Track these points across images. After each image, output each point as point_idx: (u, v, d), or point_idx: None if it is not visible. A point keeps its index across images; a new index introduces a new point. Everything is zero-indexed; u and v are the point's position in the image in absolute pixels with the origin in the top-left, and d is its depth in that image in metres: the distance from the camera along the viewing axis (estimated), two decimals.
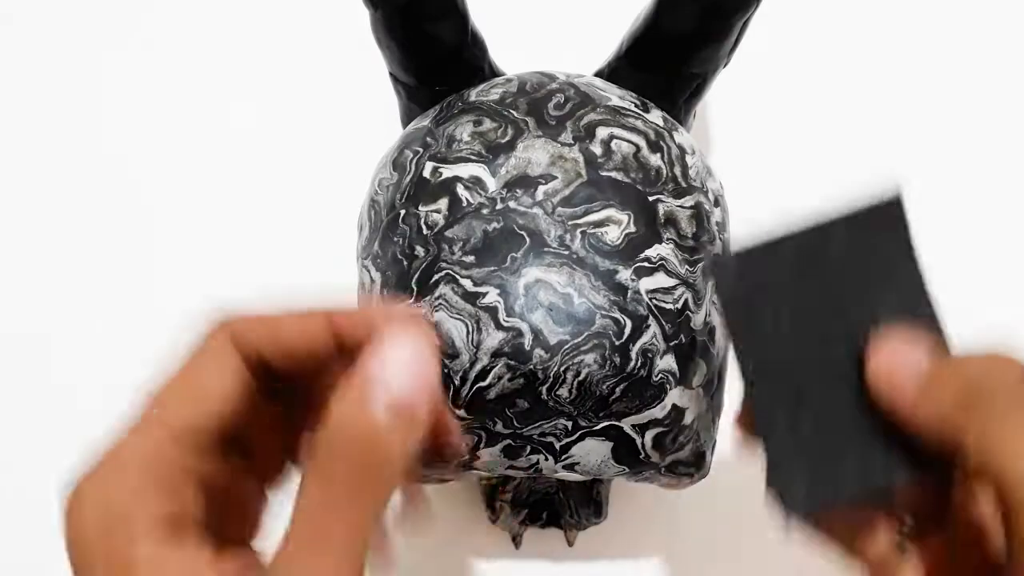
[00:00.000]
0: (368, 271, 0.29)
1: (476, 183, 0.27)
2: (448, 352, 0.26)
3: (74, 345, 0.45)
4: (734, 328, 0.21)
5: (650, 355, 0.26)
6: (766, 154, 0.46)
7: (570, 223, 0.26)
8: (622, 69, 0.33)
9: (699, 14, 0.31)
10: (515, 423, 0.26)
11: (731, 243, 0.31)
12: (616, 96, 0.30)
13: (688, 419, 0.27)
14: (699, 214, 0.28)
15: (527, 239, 0.26)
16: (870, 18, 0.50)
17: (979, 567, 0.21)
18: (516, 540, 0.38)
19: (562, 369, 0.25)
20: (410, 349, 0.17)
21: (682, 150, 0.30)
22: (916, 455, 0.20)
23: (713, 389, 0.29)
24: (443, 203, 0.27)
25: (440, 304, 0.26)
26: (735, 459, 0.26)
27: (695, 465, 0.29)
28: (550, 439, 0.27)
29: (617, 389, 0.26)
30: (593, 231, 0.26)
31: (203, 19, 0.51)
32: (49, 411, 0.44)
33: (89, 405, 0.44)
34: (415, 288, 0.27)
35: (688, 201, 0.28)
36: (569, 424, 0.27)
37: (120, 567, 0.18)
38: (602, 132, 0.28)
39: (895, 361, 0.20)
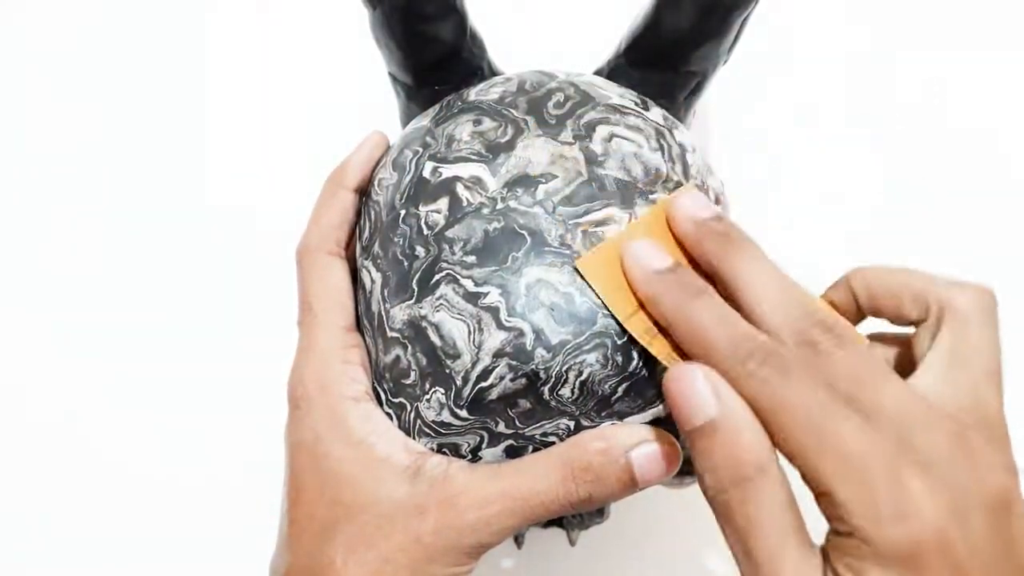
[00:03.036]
0: (368, 272, 0.29)
1: (476, 183, 0.27)
2: (449, 352, 0.26)
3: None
4: None
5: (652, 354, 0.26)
6: (766, 151, 0.46)
7: (571, 222, 0.26)
8: (622, 67, 0.33)
9: (698, 12, 0.31)
10: (517, 423, 0.26)
11: None
12: (616, 94, 0.30)
13: None
14: None
15: (528, 239, 0.26)
16: (869, 15, 0.50)
17: None
18: (518, 540, 0.38)
19: (564, 369, 0.25)
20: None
21: (682, 148, 0.30)
22: None
23: None
24: (443, 203, 0.27)
25: (441, 304, 0.26)
26: None
27: None
28: (552, 439, 0.27)
29: (619, 388, 0.26)
30: (594, 230, 0.26)
31: (203, 19, 0.51)
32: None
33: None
34: (416, 289, 0.27)
35: None
36: (571, 424, 0.26)
37: (333, 411, 0.27)
38: (602, 131, 0.28)
39: None
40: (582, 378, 0.25)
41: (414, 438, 0.27)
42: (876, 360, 0.22)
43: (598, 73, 0.34)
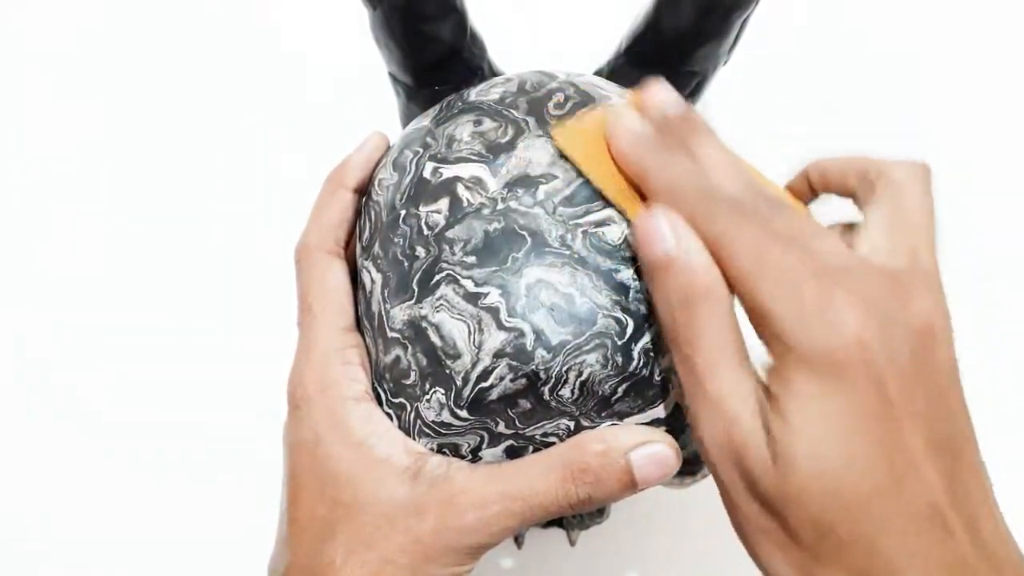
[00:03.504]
0: (368, 272, 0.29)
1: (477, 183, 0.27)
2: (450, 353, 0.26)
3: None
4: None
5: (652, 355, 0.26)
6: (766, 152, 0.46)
7: (571, 223, 0.26)
8: (622, 67, 0.33)
9: (698, 12, 0.31)
10: (517, 423, 0.26)
11: None
12: (616, 94, 0.30)
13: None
14: None
15: (528, 239, 0.26)
16: (869, 16, 0.50)
17: None
18: (518, 540, 0.38)
19: (564, 369, 0.25)
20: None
21: None
22: None
23: None
24: (443, 203, 0.27)
25: (441, 305, 0.26)
26: None
27: (697, 465, 0.29)
28: (553, 439, 0.27)
29: (619, 389, 0.26)
30: (595, 231, 0.26)
31: (204, 19, 0.51)
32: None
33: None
34: (416, 289, 0.27)
35: None
36: (572, 424, 0.26)
37: (334, 412, 0.27)
38: None
39: None
40: (582, 378, 0.25)
41: (414, 438, 0.27)
42: (816, 223, 0.24)
43: (598, 73, 0.34)
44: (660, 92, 0.27)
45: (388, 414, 0.28)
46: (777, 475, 0.22)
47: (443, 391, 0.26)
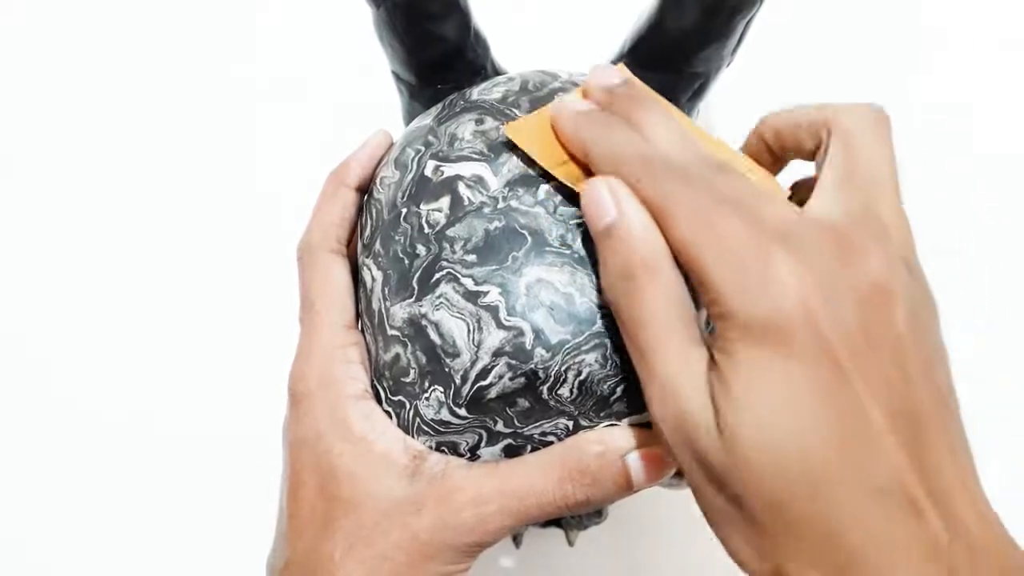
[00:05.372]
0: (369, 270, 0.29)
1: (478, 182, 0.27)
2: (449, 351, 0.26)
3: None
4: None
5: None
6: None
7: (572, 222, 0.26)
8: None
9: (702, 13, 0.31)
10: (516, 422, 0.26)
11: None
12: None
13: None
14: None
15: (528, 238, 0.26)
16: (872, 18, 0.50)
17: None
18: (516, 540, 0.38)
19: (563, 368, 0.25)
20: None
21: None
22: None
23: None
24: (445, 202, 0.27)
25: (441, 303, 0.26)
26: None
27: None
28: (551, 438, 0.27)
29: (618, 389, 0.26)
30: None
31: (205, 18, 0.51)
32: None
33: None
34: (416, 287, 0.27)
35: None
36: (570, 424, 0.26)
37: (335, 409, 0.27)
38: None
39: None
40: (581, 378, 0.25)
41: (413, 436, 0.27)
42: (767, 186, 0.23)
43: None
44: (601, 71, 0.27)
45: (387, 412, 0.28)
46: (724, 450, 0.20)
47: (442, 389, 0.26)
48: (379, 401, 0.28)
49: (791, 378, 0.20)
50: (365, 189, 0.31)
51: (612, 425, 0.27)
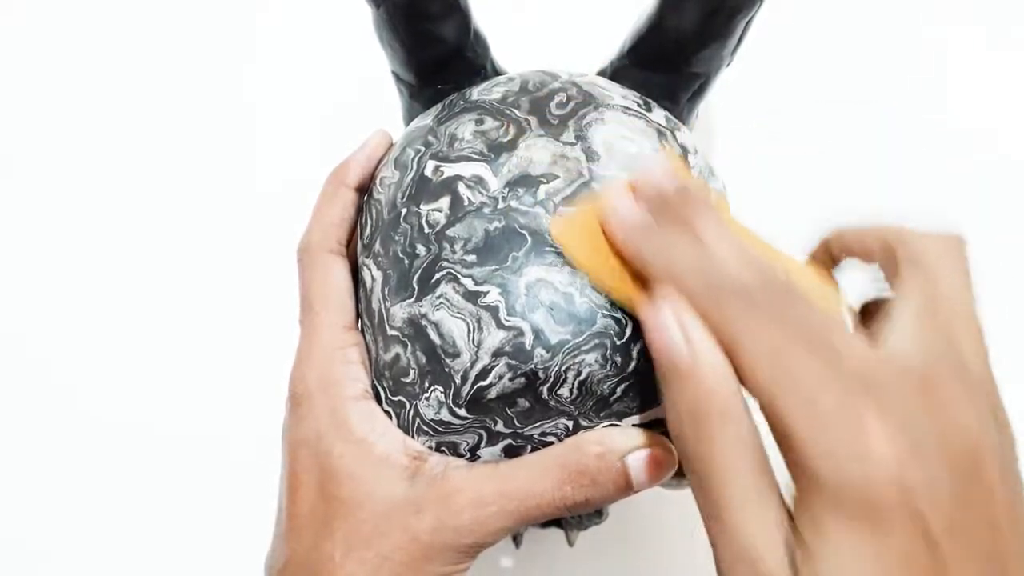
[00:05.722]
0: (369, 270, 0.29)
1: (478, 182, 0.27)
2: (449, 351, 0.26)
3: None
4: None
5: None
6: (769, 154, 0.46)
7: None
8: (624, 68, 0.33)
9: (702, 13, 0.31)
10: (516, 422, 0.26)
11: None
12: (618, 95, 0.30)
13: None
14: None
15: (528, 238, 0.26)
16: (873, 17, 0.50)
17: None
18: (516, 540, 0.38)
19: (563, 369, 0.25)
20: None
21: (684, 150, 0.30)
22: None
23: None
24: (444, 202, 0.27)
25: (441, 303, 0.26)
26: None
27: None
28: (551, 439, 0.27)
29: (618, 389, 0.26)
30: None
31: (205, 18, 0.51)
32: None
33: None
34: (416, 287, 0.27)
35: None
36: (570, 424, 0.26)
37: (335, 409, 0.27)
38: (604, 132, 0.28)
39: None
40: (581, 378, 0.25)
41: (413, 436, 0.27)
42: (835, 320, 0.22)
43: (601, 74, 0.34)
44: (654, 170, 0.26)
45: (387, 412, 0.28)
46: None
47: (442, 389, 0.26)
48: (379, 401, 0.28)
49: (883, 558, 0.19)
50: (365, 189, 0.31)
51: (612, 425, 0.27)
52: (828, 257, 0.26)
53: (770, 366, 0.20)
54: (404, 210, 0.28)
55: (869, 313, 0.26)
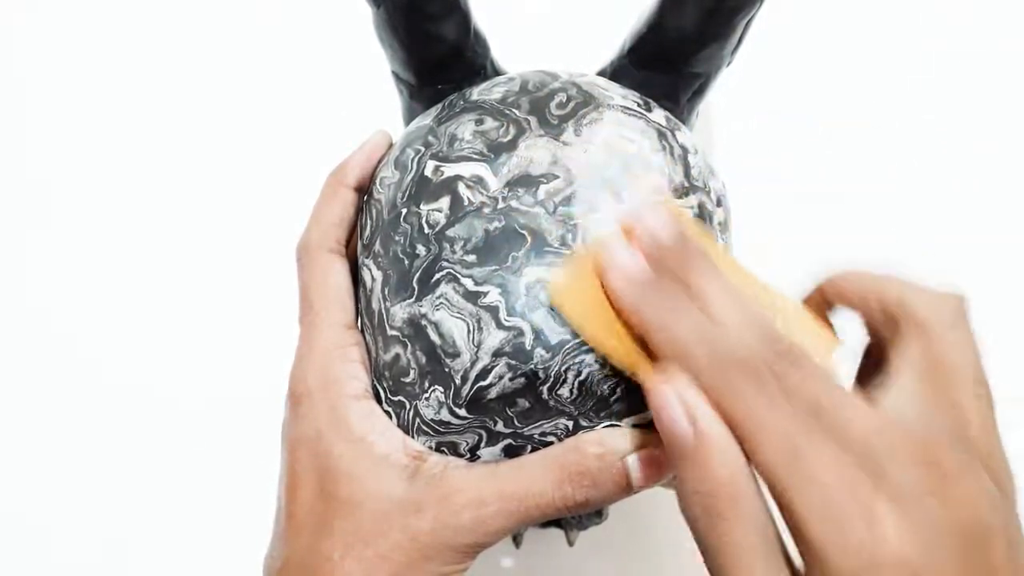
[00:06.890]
0: (369, 270, 0.29)
1: (478, 182, 0.27)
2: (449, 351, 0.26)
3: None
4: None
5: None
6: (769, 154, 0.46)
7: (572, 222, 0.26)
8: (624, 68, 0.33)
9: (702, 13, 0.31)
10: (516, 423, 0.26)
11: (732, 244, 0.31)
12: (619, 95, 0.30)
13: None
14: (701, 214, 0.28)
15: (528, 239, 0.26)
16: (874, 17, 0.50)
17: None
18: (516, 539, 0.38)
19: (563, 369, 0.25)
20: None
21: (684, 150, 0.30)
22: None
23: None
24: (444, 202, 0.27)
25: (441, 303, 0.26)
26: None
27: None
28: (551, 439, 0.27)
29: (618, 389, 0.26)
30: None
31: (205, 17, 0.51)
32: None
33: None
34: (416, 287, 0.27)
35: (690, 201, 0.28)
36: (570, 424, 0.26)
37: (335, 408, 0.27)
38: (604, 132, 0.28)
39: None
40: (581, 378, 0.25)
41: (413, 436, 0.27)
42: (836, 386, 0.21)
43: (601, 74, 0.34)
44: (651, 215, 0.25)
45: (387, 412, 0.28)
46: None
47: (442, 389, 0.26)
48: (379, 401, 0.28)
49: None
50: (364, 189, 0.31)
51: (612, 426, 0.27)
52: (824, 300, 0.26)
53: (776, 450, 0.20)
54: (404, 210, 0.28)
55: (869, 355, 0.26)
